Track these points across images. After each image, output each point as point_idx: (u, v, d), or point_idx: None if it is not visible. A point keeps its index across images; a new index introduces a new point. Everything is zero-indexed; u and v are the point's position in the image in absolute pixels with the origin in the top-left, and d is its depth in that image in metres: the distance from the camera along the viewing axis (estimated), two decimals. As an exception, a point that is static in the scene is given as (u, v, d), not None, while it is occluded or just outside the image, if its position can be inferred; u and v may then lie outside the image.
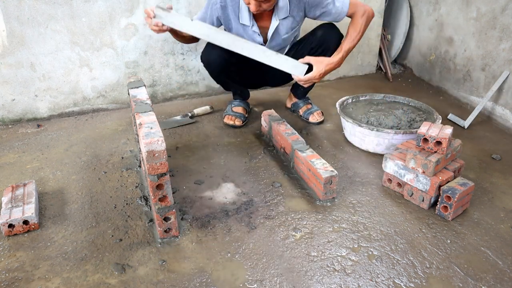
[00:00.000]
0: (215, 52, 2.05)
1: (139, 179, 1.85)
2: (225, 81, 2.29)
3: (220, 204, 1.68)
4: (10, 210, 1.53)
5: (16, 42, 2.24)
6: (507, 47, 2.30)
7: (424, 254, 1.42)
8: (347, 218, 1.60)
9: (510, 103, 2.30)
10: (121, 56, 2.49)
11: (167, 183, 1.39)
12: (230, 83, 2.32)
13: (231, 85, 2.34)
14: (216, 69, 2.14)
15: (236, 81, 2.29)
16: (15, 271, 1.35)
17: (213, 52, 2.05)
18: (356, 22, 1.99)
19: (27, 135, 2.28)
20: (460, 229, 1.54)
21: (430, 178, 1.58)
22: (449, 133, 1.59)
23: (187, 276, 1.33)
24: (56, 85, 2.42)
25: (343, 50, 2.01)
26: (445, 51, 2.80)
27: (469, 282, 1.31)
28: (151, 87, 2.64)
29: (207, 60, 2.12)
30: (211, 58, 2.08)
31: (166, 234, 1.48)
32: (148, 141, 1.30)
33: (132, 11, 2.41)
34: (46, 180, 1.86)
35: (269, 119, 2.10)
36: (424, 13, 2.96)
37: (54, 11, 2.25)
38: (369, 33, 3.02)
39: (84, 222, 1.58)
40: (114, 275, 1.34)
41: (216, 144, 2.16)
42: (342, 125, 2.19)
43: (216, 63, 2.09)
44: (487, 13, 2.42)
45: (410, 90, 2.90)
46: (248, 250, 1.44)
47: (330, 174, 1.63)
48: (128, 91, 1.75)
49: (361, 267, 1.37)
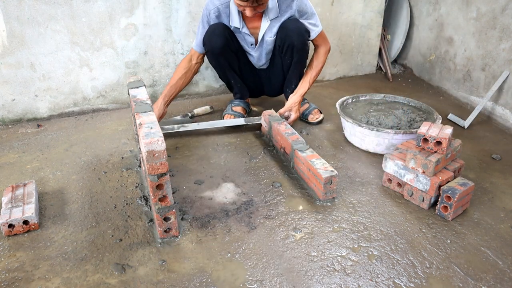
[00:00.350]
0: (216, 32, 2.10)
1: (139, 179, 1.85)
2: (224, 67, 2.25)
3: (220, 204, 1.68)
4: (10, 210, 1.53)
5: (16, 42, 2.24)
6: (507, 47, 2.30)
7: (424, 254, 1.42)
8: (347, 218, 1.60)
9: (510, 103, 2.30)
10: (121, 56, 2.49)
11: (167, 183, 1.39)
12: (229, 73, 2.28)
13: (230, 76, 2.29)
14: (217, 49, 2.13)
15: (235, 70, 2.29)
16: (15, 271, 1.35)
17: (215, 32, 2.11)
18: (320, 56, 2.25)
19: (27, 135, 2.28)
20: (460, 229, 1.54)
21: (430, 178, 1.58)
22: (449, 133, 1.59)
23: (187, 276, 1.33)
24: (56, 85, 2.42)
25: (309, 81, 2.24)
26: (445, 51, 2.80)
27: (469, 282, 1.31)
28: (151, 87, 2.64)
29: (210, 40, 2.12)
30: (213, 38, 2.11)
31: (166, 234, 1.48)
32: (148, 141, 1.30)
33: (132, 11, 2.41)
34: (46, 180, 1.86)
35: (269, 119, 2.10)
36: (424, 13, 2.96)
37: (54, 11, 2.25)
38: (369, 33, 3.03)
39: (84, 222, 1.58)
40: (114, 275, 1.34)
41: (216, 144, 2.16)
42: (342, 125, 2.19)
43: (218, 43, 2.11)
44: (487, 13, 2.42)
45: (410, 90, 2.90)
46: (248, 250, 1.44)
47: (330, 174, 1.63)
48: (128, 91, 1.75)
49: (361, 267, 1.37)
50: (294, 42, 2.07)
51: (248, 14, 1.93)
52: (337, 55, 3.03)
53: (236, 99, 2.43)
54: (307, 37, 2.12)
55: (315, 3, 2.76)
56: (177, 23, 2.53)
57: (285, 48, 2.11)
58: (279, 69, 2.27)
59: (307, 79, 2.23)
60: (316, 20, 2.17)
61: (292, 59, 2.16)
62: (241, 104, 2.41)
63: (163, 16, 2.48)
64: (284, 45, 2.10)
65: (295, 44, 2.08)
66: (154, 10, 2.45)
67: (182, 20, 2.53)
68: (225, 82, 2.39)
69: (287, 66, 2.22)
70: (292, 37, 2.06)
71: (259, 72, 2.35)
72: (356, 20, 2.95)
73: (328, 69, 3.04)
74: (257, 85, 2.40)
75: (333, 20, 2.88)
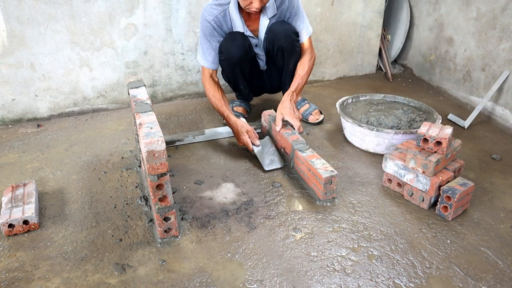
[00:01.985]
0: (236, 43, 2.04)
1: (139, 179, 1.85)
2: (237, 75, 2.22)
3: (220, 204, 1.68)
4: (10, 210, 1.53)
5: (16, 42, 2.24)
6: (507, 47, 2.30)
7: (424, 254, 1.42)
8: (347, 218, 1.60)
9: (510, 103, 2.30)
10: (121, 56, 2.49)
11: (167, 183, 1.39)
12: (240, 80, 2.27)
13: (240, 82, 2.28)
14: (235, 59, 2.08)
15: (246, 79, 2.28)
16: (15, 271, 1.35)
17: (234, 43, 2.04)
18: (304, 63, 2.08)
19: (27, 135, 2.28)
20: (460, 229, 1.54)
21: (430, 178, 1.58)
22: (449, 133, 1.59)
23: (187, 276, 1.33)
24: (56, 85, 2.42)
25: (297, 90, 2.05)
26: (445, 51, 2.80)
27: (469, 282, 1.31)
28: (151, 87, 2.64)
29: (228, 49, 2.05)
30: (232, 48, 2.04)
31: (166, 234, 1.48)
32: (148, 141, 1.30)
33: (132, 11, 2.41)
34: (46, 180, 1.86)
35: (269, 119, 2.10)
36: (424, 13, 2.96)
37: (54, 11, 2.25)
38: (369, 33, 3.03)
39: (84, 222, 1.58)
40: (114, 275, 1.34)
41: (216, 144, 2.16)
42: (342, 125, 2.19)
43: (237, 53, 2.05)
44: (487, 13, 2.42)
45: (410, 90, 2.90)
46: (248, 250, 1.44)
47: (330, 174, 1.63)
48: (128, 91, 1.75)
49: (361, 267, 1.36)
50: (282, 44, 2.04)
51: (256, 6, 1.84)
52: (337, 55, 3.03)
53: (237, 100, 2.44)
54: (295, 38, 2.07)
55: (315, 3, 2.76)
56: (177, 23, 2.53)
57: (275, 51, 2.10)
58: (275, 68, 2.26)
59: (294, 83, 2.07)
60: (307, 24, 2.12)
61: (283, 61, 2.14)
62: (242, 105, 2.42)
63: (163, 16, 2.48)
64: (274, 47, 2.08)
65: (284, 46, 2.05)
66: (154, 10, 2.45)
67: (182, 20, 2.53)
68: (232, 85, 2.38)
69: (281, 68, 2.21)
70: (280, 39, 2.03)
71: (262, 73, 2.35)
72: (356, 20, 2.94)
73: (328, 69, 3.04)
74: (260, 85, 2.40)
75: (333, 20, 2.88)
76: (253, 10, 1.88)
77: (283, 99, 2.01)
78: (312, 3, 2.75)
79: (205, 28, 2.03)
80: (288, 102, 1.98)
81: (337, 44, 2.98)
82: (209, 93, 2.07)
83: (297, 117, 1.97)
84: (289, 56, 2.10)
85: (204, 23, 2.02)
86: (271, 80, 2.35)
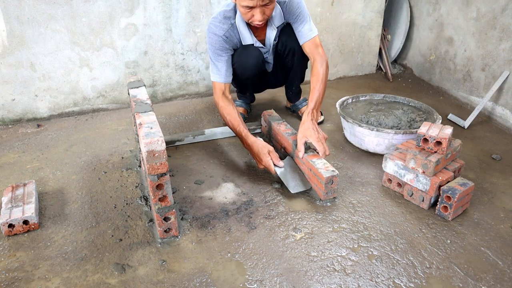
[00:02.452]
0: (252, 62, 2.06)
1: (139, 179, 1.85)
2: (247, 86, 2.31)
3: (220, 204, 1.68)
4: (10, 210, 1.53)
5: (16, 42, 2.24)
6: (507, 47, 2.30)
7: (424, 254, 1.42)
8: (347, 218, 1.60)
9: (510, 103, 2.30)
10: (121, 56, 2.49)
11: (167, 183, 1.39)
12: (248, 88, 2.35)
13: (247, 90, 2.37)
14: (248, 74, 2.11)
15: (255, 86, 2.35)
16: (15, 271, 1.35)
17: (250, 56, 2.05)
18: (318, 72, 1.91)
19: (27, 135, 2.28)
20: (460, 229, 1.54)
21: (430, 178, 1.58)
22: (449, 133, 1.59)
23: (187, 276, 1.33)
24: (56, 85, 2.42)
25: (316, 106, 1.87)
26: (445, 51, 2.80)
27: (469, 282, 1.31)
28: (151, 87, 2.64)
29: (245, 63, 2.06)
30: (249, 62, 2.06)
31: (166, 234, 1.48)
32: (148, 141, 1.30)
33: (132, 11, 2.41)
34: (46, 180, 1.86)
35: (269, 119, 2.10)
36: (424, 13, 2.96)
37: (54, 11, 2.25)
38: (369, 33, 3.03)
39: (84, 222, 1.58)
40: (114, 275, 1.34)
41: (216, 144, 2.16)
42: (342, 125, 2.19)
43: (251, 71, 2.09)
44: (487, 13, 2.42)
45: (410, 90, 2.90)
46: (248, 250, 1.44)
47: (331, 174, 1.63)
48: (128, 91, 1.75)
49: (361, 267, 1.37)
50: (295, 47, 2.08)
51: (259, 18, 1.80)
52: (337, 55, 3.03)
53: (239, 100, 2.45)
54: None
55: (315, 3, 2.76)
56: (177, 23, 2.53)
57: (287, 52, 2.13)
58: (282, 68, 2.27)
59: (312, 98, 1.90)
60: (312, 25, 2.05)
61: (293, 63, 2.18)
62: (243, 105, 2.43)
63: (163, 16, 2.48)
64: (286, 49, 2.11)
65: (296, 49, 2.09)
66: (154, 10, 2.45)
67: (182, 20, 2.53)
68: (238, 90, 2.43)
69: (289, 68, 2.23)
70: (293, 41, 2.06)
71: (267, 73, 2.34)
72: (356, 20, 2.95)
73: (328, 69, 3.04)
74: (264, 83, 2.42)
75: (333, 20, 2.88)
76: (256, 23, 1.85)
77: (303, 119, 1.82)
78: (312, 3, 2.75)
79: (215, 43, 1.96)
80: (310, 122, 1.79)
81: (337, 44, 2.98)
82: (224, 111, 1.94)
83: (322, 138, 1.77)
84: (299, 59, 2.14)
85: (214, 37, 1.95)
86: (276, 79, 2.36)
